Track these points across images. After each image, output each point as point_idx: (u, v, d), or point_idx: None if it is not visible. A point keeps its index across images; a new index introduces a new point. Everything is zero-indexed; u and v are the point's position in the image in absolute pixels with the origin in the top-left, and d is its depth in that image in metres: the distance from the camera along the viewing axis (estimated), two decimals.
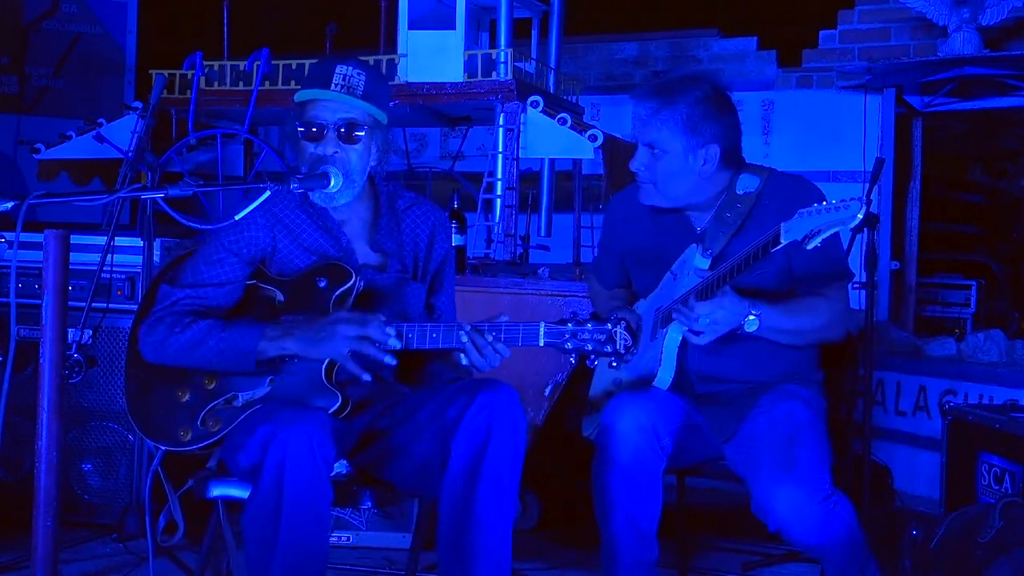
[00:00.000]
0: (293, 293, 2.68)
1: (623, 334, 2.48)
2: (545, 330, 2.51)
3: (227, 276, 2.68)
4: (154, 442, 2.65)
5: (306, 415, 2.47)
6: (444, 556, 2.57)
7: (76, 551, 3.58)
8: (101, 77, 5.86)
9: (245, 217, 2.66)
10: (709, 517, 4.18)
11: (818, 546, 2.71)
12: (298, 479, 2.39)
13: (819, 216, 2.57)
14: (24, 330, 2.42)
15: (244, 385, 2.62)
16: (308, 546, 2.44)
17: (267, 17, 5.93)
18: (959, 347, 4.75)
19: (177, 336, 2.61)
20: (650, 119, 2.88)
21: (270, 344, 2.57)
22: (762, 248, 2.66)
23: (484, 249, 4.27)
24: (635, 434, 2.74)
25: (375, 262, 2.76)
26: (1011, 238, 7.03)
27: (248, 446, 2.43)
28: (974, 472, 3.30)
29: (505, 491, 2.52)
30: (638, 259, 3.08)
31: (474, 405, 2.52)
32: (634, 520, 2.75)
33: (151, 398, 2.67)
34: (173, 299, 2.66)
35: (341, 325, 2.54)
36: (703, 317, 2.73)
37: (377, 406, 2.72)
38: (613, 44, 6.23)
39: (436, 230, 2.85)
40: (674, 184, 2.90)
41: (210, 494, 2.63)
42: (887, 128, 5.42)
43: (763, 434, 2.78)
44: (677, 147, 2.86)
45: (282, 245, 2.70)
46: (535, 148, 4.17)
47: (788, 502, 2.63)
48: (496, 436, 2.51)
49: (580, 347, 2.49)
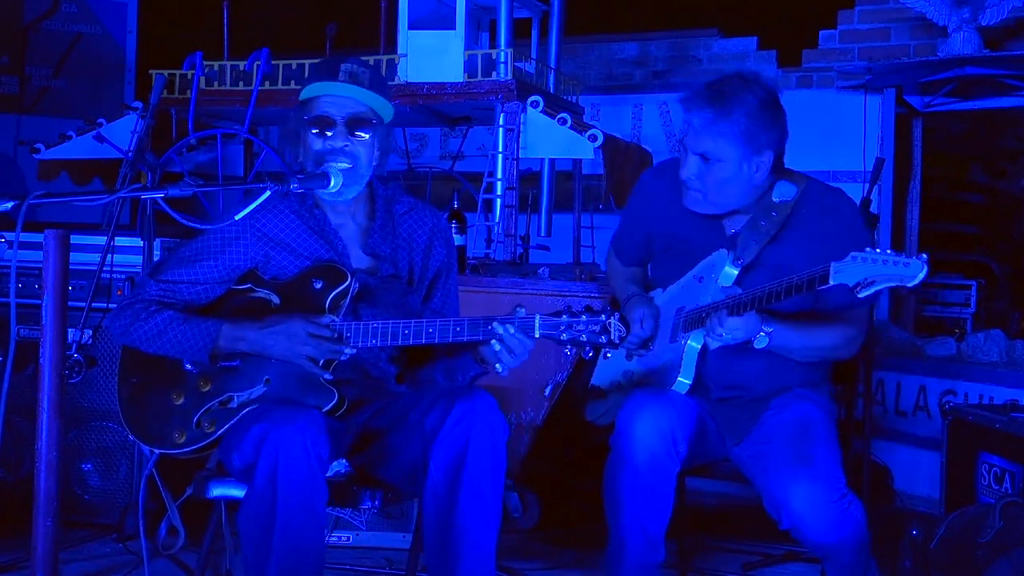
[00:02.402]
0: (288, 296, 2.68)
1: (617, 325, 2.50)
2: (540, 322, 2.52)
3: (201, 276, 2.71)
4: (149, 446, 2.66)
5: (299, 413, 2.47)
6: (432, 560, 2.58)
7: (76, 551, 3.58)
8: (101, 77, 5.86)
9: (235, 228, 2.71)
10: (709, 517, 4.18)
11: (829, 545, 2.69)
12: (292, 478, 2.40)
13: (875, 267, 2.47)
14: (24, 330, 2.43)
15: (239, 386, 2.63)
16: (304, 545, 2.44)
17: (267, 17, 5.93)
18: (959, 347, 4.74)
19: (141, 324, 2.66)
20: (705, 129, 2.76)
21: (225, 342, 2.62)
22: (807, 283, 2.58)
23: (484, 249, 4.27)
24: (652, 438, 2.72)
25: (367, 266, 2.76)
26: (1011, 238, 7.03)
27: (242, 446, 2.44)
28: (974, 472, 3.30)
29: (486, 499, 2.52)
30: (665, 245, 3.03)
31: (451, 415, 2.52)
32: (644, 523, 2.74)
33: (145, 402, 2.68)
34: (146, 288, 2.72)
35: (295, 323, 2.58)
36: (727, 332, 2.70)
37: (372, 405, 2.73)
38: (613, 44, 6.23)
39: (434, 237, 2.86)
40: (725, 193, 2.82)
41: (210, 494, 2.63)
42: (887, 128, 5.41)
43: (777, 432, 2.77)
44: (733, 156, 2.77)
45: (273, 256, 2.72)
46: (535, 148, 4.17)
47: (805, 498, 2.61)
48: (474, 446, 2.50)
49: (575, 337, 2.51)
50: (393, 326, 2.58)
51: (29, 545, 2.34)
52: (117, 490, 3.78)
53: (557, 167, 4.75)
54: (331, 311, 2.63)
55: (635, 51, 6.19)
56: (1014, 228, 7.06)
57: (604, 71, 6.22)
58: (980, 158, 6.97)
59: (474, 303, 3.62)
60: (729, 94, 2.76)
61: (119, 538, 3.64)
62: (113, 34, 5.89)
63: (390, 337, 2.59)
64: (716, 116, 2.74)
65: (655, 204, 3.04)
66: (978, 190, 7.01)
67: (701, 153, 2.79)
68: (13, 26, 5.69)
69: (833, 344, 2.85)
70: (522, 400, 3.83)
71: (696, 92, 2.82)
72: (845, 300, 2.73)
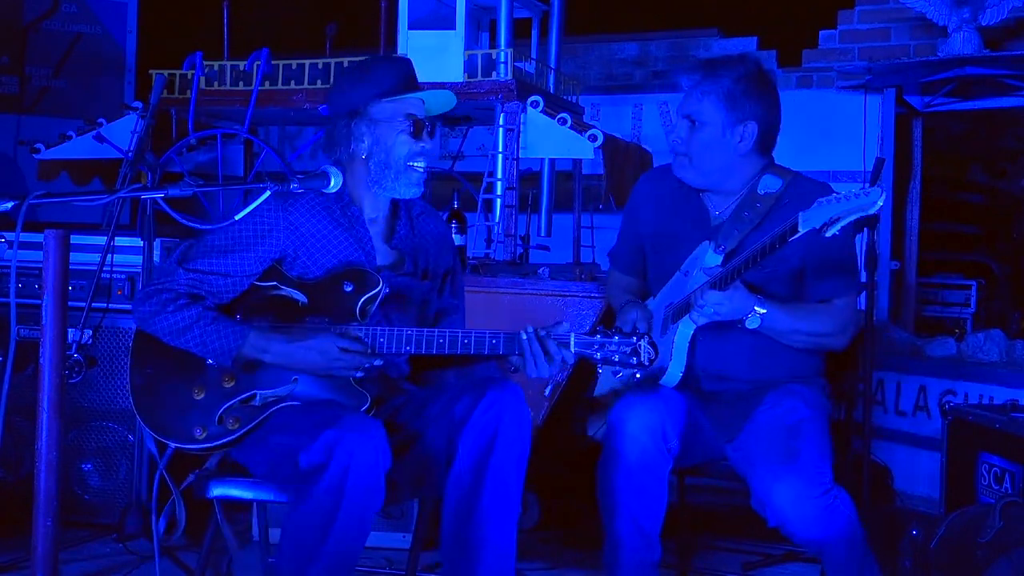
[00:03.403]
0: (316, 296, 2.68)
1: (647, 348, 2.59)
2: (576, 340, 2.59)
3: (233, 268, 2.66)
4: (164, 439, 2.63)
5: (370, 422, 2.48)
6: (448, 553, 2.58)
7: (76, 551, 3.58)
8: (101, 77, 5.86)
9: (268, 220, 2.68)
10: (709, 517, 4.18)
11: (817, 541, 2.71)
12: (360, 485, 2.41)
13: (838, 204, 2.55)
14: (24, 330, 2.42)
15: (265, 383, 2.62)
16: (352, 550, 2.46)
17: (267, 17, 5.93)
18: (959, 347, 4.74)
19: (168, 315, 2.61)
20: (692, 91, 2.93)
21: (250, 350, 2.60)
22: (779, 238, 2.64)
23: (484, 249, 4.27)
24: (643, 435, 2.74)
25: (392, 261, 2.79)
26: (1011, 238, 7.02)
27: (311, 448, 2.41)
28: (974, 472, 3.30)
29: (510, 489, 2.55)
30: (655, 245, 3.09)
31: (482, 403, 2.54)
32: (638, 521, 2.76)
33: (160, 393, 2.64)
34: (176, 276, 2.65)
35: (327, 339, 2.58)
36: (708, 306, 2.74)
37: (390, 404, 2.74)
38: (613, 44, 6.23)
39: (443, 241, 2.93)
40: (709, 159, 2.92)
41: (210, 494, 2.62)
42: (887, 128, 5.41)
43: (765, 429, 2.79)
44: (716, 120, 2.90)
45: (302, 251, 2.71)
46: (535, 148, 4.17)
47: (787, 495, 2.62)
48: (503, 434, 2.53)
49: (608, 357, 2.59)
50: (428, 334, 2.61)
51: (29, 545, 2.34)
52: (117, 490, 3.78)
53: (557, 167, 4.75)
54: (361, 316, 2.64)
55: (635, 51, 6.19)
56: (1014, 228, 7.05)
57: (604, 71, 6.22)
58: (980, 158, 6.96)
59: (474, 303, 3.62)
60: (719, 62, 2.95)
61: (119, 538, 3.64)
62: (113, 34, 5.89)
63: (424, 345, 2.61)
64: (702, 78, 2.92)
65: (646, 206, 3.12)
66: (978, 190, 7.00)
67: (688, 115, 2.94)
68: (13, 26, 5.69)
69: (822, 331, 2.89)
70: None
71: (693, 62, 3.04)
72: (834, 278, 2.86)
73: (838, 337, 2.93)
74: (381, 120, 2.71)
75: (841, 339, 2.94)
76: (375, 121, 2.72)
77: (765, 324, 2.78)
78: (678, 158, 2.97)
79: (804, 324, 2.86)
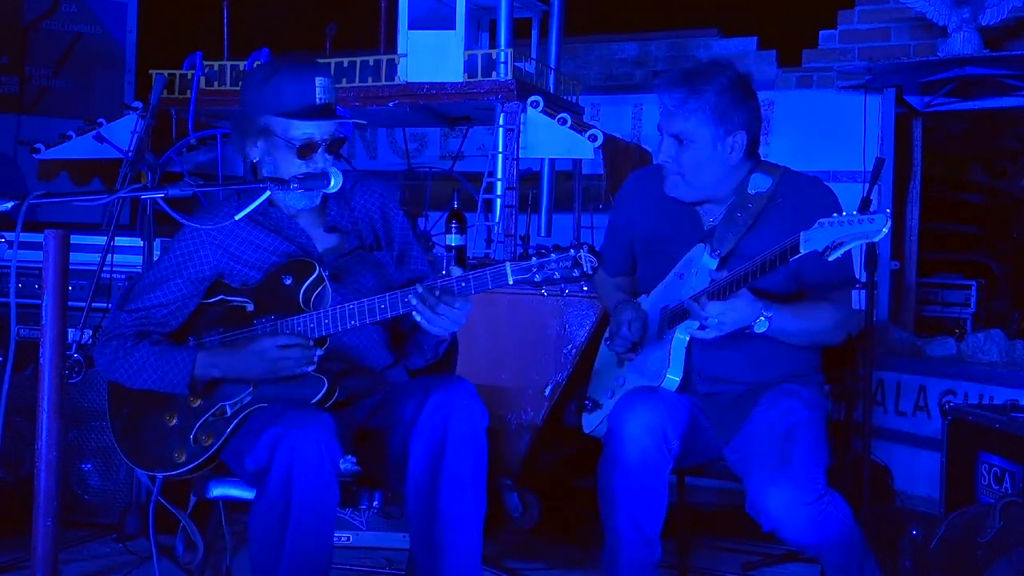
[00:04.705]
0: (261, 298, 2.67)
1: (587, 256, 2.44)
2: (512, 268, 2.46)
3: (169, 296, 2.69)
4: (150, 472, 2.65)
5: (313, 416, 2.46)
6: (417, 556, 2.58)
7: (76, 551, 3.58)
8: (101, 77, 5.86)
9: (192, 242, 2.70)
10: (709, 517, 4.18)
11: (812, 545, 2.71)
12: (307, 482, 2.39)
13: (841, 228, 2.53)
14: (24, 330, 2.43)
15: (228, 395, 2.62)
16: (315, 547, 2.44)
17: (267, 17, 5.93)
18: (959, 347, 4.74)
19: (121, 361, 2.64)
20: (677, 110, 2.86)
21: (201, 370, 2.60)
22: (780, 256, 2.63)
23: (484, 249, 4.28)
24: (644, 436, 2.73)
25: (333, 244, 2.76)
26: (1011, 238, 7.02)
27: (255, 449, 2.42)
28: (974, 472, 3.30)
29: (469, 488, 2.52)
30: (646, 247, 3.07)
31: (427, 405, 2.51)
32: (639, 522, 2.75)
33: (140, 430, 2.67)
34: (120, 321, 2.69)
35: (262, 342, 2.57)
36: (712, 317, 2.72)
37: (372, 399, 2.72)
38: (613, 44, 6.23)
39: (386, 202, 2.85)
40: (701, 174, 2.88)
41: (210, 494, 2.63)
42: (887, 128, 5.41)
43: (760, 431, 2.78)
44: (706, 136, 2.85)
45: (236, 263, 2.71)
46: (535, 148, 4.17)
47: (780, 502, 2.62)
48: (453, 435, 2.50)
49: (549, 276, 2.44)
50: (370, 302, 2.55)
51: (29, 545, 2.35)
52: (117, 490, 3.78)
53: (557, 167, 4.75)
54: (307, 305, 2.61)
55: (635, 51, 6.19)
56: (1014, 228, 7.05)
57: (604, 71, 6.22)
58: (980, 158, 6.96)
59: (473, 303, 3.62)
60: (699, 75, 2.85)
61: (119, 538, 3.64)
62: (113, 34, 5.89)
63: (367, 314, 2.54)
64: (687, 95, 2.84)
65: (635, 208, 3.09)
66: (978, 190, 7.00)
67: (675, 134, 2.88)
68: (13, 26, 5.69)
69: (826, 327, 2.88)
70: (522, 400, 3.83)
71: (669, 77, 2.92)
72: (831, 278, 2.84)
73: (839, 332, 2.92)
74: (273, 134, 2.64)
75: (841, 334, 2.94)
76: (267, 132, 2.65)
77: (773, 327, 2.76)
78: (670, 176, 2.92)
79: (810, 323, 2.85)
